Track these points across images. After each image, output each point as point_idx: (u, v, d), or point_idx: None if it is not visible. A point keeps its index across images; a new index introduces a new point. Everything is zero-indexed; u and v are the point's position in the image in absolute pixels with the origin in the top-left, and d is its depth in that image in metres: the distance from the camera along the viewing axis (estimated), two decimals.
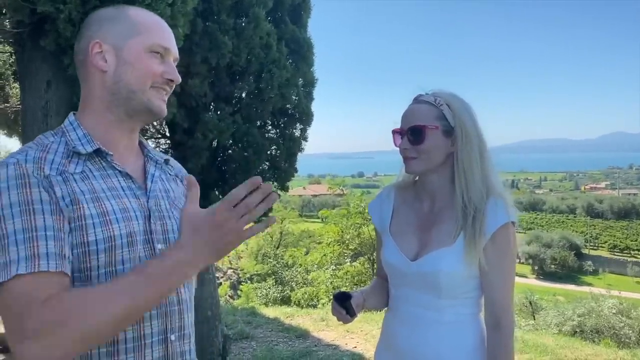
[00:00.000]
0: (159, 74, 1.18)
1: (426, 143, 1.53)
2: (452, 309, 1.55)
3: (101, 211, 1.07)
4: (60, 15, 3.09)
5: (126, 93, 1.16)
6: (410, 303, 1.60)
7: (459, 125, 1.53)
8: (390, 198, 1.73)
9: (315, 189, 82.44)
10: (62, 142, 1.14)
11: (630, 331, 9.33)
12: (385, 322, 1.72)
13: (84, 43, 1.18)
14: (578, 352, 5.38)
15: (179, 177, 1.35)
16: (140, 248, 1.12)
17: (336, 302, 1.57)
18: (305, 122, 5.63)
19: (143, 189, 1.19)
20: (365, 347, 5.67)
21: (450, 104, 1.55)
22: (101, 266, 1.06)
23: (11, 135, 6.09)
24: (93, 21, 1.20)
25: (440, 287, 1.52)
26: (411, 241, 1.60)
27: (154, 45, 1.17)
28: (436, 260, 1.52)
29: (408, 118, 1.57)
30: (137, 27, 1.17)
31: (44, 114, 3.49)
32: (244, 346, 5.80)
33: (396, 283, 1.65)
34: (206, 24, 4.34)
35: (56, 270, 0.98)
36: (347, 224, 14.11)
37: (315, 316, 7.22)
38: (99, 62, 1.16)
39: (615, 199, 72.50)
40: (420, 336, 1.56)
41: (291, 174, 5.67)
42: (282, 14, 5.28)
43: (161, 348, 1.14)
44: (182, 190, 1.32)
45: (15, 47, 3.76)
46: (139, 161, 1.25)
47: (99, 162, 1.15)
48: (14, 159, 1.05)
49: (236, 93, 5.10)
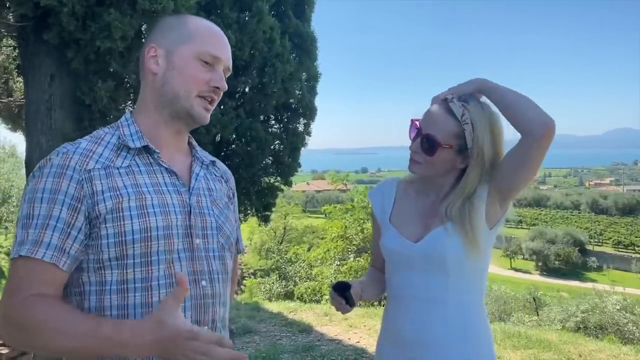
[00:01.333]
0: (204, 82, 1.22)
1: (435, 157, 1.50)
2: (459, 293, 1.52)
3: (140, 204, 1.14)
4: (64, 9, 3.09)
5: (171, 96, 1.22)
6: (415, 287, 1.55)
7: (477, 149, 1.48)
8: (393, 188, 1.71)
9: (318, 185, 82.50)
10: (115, 135, 1.22)
11: (634, 327, 9.32)
12: (386, 314, 1.68)
13: (144, 47, 1.26)
14: (581, 347, 5.37)
15: (224, 178, 1.43)
16: (178, 241, 1.18)
17: (335, 291, 1.55)
18: (309, 117, 5.63)
19: (186, 186, 1.25)
20: (368, 341, 5.68)
21: (476, 124, 1.47)
22: (137, 255, 1.12)
23: (15, 129, 6.11)
24: (155, 28, 1.29)
25: (447, 264, 1.49)
26: (413, 228, 1.57)
27: (204, 53, 1.22)
28: (440, 236, 1.49)
29: (428, 121, 1.53)
30: (191, 34, 1.23)
31: (47, 108, 3.50)
32: (248, 340, 5.82)
33: (398, 268, 1.61)
34: (209, 18, 4.33)
35: (50, 262, 1.06)
36: (350, 220, 14.10)
37: (319, 311, 7.23)
38: (152, 65, 1.23)
39: (620, 195, 72.25)
40: (425, 321, 1.53)
41: (294, 168, 5.67)
42: (285, 8, 5.27)
43: None
44: (225, 190, 1.41)
45: (18, 41, 3.77)
46: (186, 160, 1.32)
47: (147, 158, 1.22)
48: (65, 148, 1.15)
49: (239, 87, 5.09)
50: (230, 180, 1.47)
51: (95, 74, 3.61)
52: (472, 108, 1.49)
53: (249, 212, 5.98)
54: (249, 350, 5.39)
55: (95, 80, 3.57)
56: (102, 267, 1.11)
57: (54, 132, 3.51)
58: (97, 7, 3.24)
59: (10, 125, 6.09)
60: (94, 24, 3.20)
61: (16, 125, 5.97)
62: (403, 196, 1.68)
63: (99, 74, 3.62)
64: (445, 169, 1.54)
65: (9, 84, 5.48)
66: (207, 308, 1.21)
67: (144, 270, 1.12)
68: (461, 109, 1.48)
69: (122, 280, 1.11)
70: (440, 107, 1.52)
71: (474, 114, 1.48)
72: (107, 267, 1.11)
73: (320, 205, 41.45)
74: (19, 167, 19.72)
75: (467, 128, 1.47)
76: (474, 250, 1.48)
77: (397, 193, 1.69)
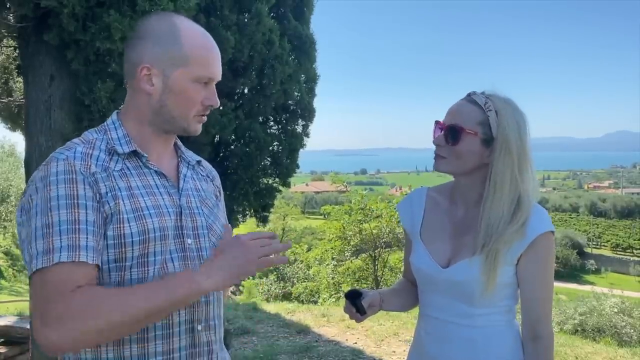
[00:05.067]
0: (199, 102, 1.24)
1: (460, 145, 1.44)
2: (486, 317, 1.48)
3: (136, 207, 1.16)
4: (64, 9, 3.11)
5: (168, 117, 1.24)
6: (440, 311, 1.53)
7: (501, 138, 1.42)
8: (422, 200, 1.65)
9: (317, 186, 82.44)
10: (104, 140, 1.22)
11: (632, 330, 9.31)
12: (417, 327, 1.66)
13: (135, 57, 1.22)
14: (578, 350, 5.39)
15: (209, 177, 1.45)
16: (171, 242, 1.20)
17: (347, 299, 1.55)
18: (307, 118, 5.65)
19: (175, 188, 1.28)
20: (366, 342, 5.70)
21: (500, 111, 1.43)
22: (135, 257, 1.14)
23: (15, 129, 6.11)
24: (145, 35, 1.22)
25: (473, 296, 1.45)
26: (443, 247, 1.52)
27: (202, 76, 1.23)
28: (468, 268, 1.44)
29: (452, 114, 1.48)
30: (187, 57, 1.21)
31: (47, 108, 3.51)
32: (245, 341, 5.83)
33: (426, 289, 1.58)
34: (209, 20, 4.36)
35: (93, 263, 1.07)
36: (348, 221, 14.12)
37: (316, 312, 7.25)
38: (146, 85, 1.22)
39: (619, 197, 72.25)
40: (452, 344, 1.50)
41: (293, 170, 5.68)
42: (284, 10, 5.29)
43: (188, 337, 1.21)
44: (212, 190, 1.42)
45: (19, 41, 3.78)
46: (173, 161, 1.34)
47: (136, 161, 1.23)
48: (63, 155, 1.14)
49: (238, 89, 5.11)
50: (216, 179, 1.49)
51: (95, 74, 3.62)
52: (495, 99, 1.47)
53: (247, 212, 6.00)
54: (246, 351, 5.40)
55: (95, 80, 3.58)
56: (102, 270, 1.13)
57: (53, 132, 3.52)
58: (97, 8, 3.25)
59: (10, 125, 6.09)
60: (94, 25, 3.22)
61: (15, 125, 5.97)
62: (433, 207, 1.62)
63: (98, 74, 3.63)
64: (472, 162, 1.46)
65: (9, 84, 5.49)
66: (201, 307, 1.24)
67: (140, 271, 1.15)
68: (484, 98, 1.46)
69: (120, 282, 1.14)
70: (463, 100, 1.50)
71: (497, 103, 1.45)
72: (105, 270, 1.13)
73: (319, 207, 41.45)
74: (17, 166, 19.70)
75: (491, 115, 1.44)
76: (490, 289, 1.43)
77: (426, 204, 1.64)
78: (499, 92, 1.49)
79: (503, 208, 1.43)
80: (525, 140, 1.46)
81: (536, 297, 1.46)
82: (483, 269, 1.42)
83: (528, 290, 1.46)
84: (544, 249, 1.44)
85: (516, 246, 1.42)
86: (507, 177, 1.43)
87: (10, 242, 22.65)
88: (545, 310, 1.46)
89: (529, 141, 1.47)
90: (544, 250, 1.44)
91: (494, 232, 1.42)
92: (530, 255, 1.43)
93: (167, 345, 1.18)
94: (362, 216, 13.84)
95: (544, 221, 1.44)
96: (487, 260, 1.42)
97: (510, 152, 1.42)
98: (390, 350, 5.45)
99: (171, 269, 1.19)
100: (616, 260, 47.96)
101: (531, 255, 1.43)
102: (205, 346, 1.26)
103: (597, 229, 59.64)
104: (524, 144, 1.45)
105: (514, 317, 1.55)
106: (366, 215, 13.81)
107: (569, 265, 44.04)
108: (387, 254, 13.97)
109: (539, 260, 1.44)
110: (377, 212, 13.71)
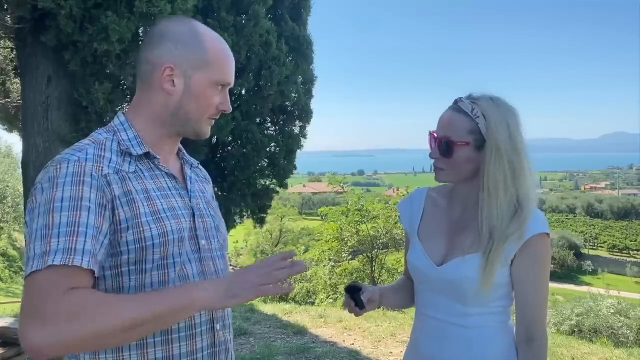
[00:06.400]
0: (215, 106, 1.26)
1: (455, 158, 1.46)
2: (480, 317, 1.49)
3: (154, 210, 1.16)
4: (62, 11, 3.12)
5: (184, 119, 1.24)
6: (436, 310, 1.54)
7: (492, 141, 1.42)
8: (422, 200, 1.67)
9: (315, 187, 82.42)
10: (115, 141, 1.20)
11: (629, 331, 9.34)
12: (413, 327, 1.67)
13: (156, 58, 1.21)
14: (575, 350, 5.41)
15: (207, 179, 1.46)
16: (187, 244, 1.22)
17: (347, 293, 1.56)
18: (305, 120, 5.66)
19: (185, 190, 1.29)
20: (363, 343, 5.70)
21: (488, 115, 1.43)
22: (156, 260, 1.14)
23: (12, 131, 6.11)
24: (167, 37, 1.22)
25: (466, 295, 1.46)
26: (439, 245, 1.54)
27: (220, 81, 1.24)
28: (461, 267, 1.45)
29: (443, 127, 1.49)
30: (210, 61, 1.22)
31: (44, 109, 3.51)
32: (243, 342, 5.83)
33: (422, 288, 1.59)
34: (206, 21, 4.36)
35: (87, 268, 1.02)
36: (346, 222, 14.12)
37: (314, 313, 7.24)
38: (167, 85, 1.21)
39: (615, 199, 72.45)
40: (445, 344, 1.51)
41: (290, 171, 5.69)
42: (282, 12, 5.31)
43: (209, 337, 1.23)
44: (211, 192, 1.44)
45: (16, 43, 3.79)
46: (177, 163, 1.35)
47: (148, 163, 1.23)
48: (75, 156, 1.12)
49: (236, 90, 5.12)
50: (211, 182, 1.51)
51: (93, 76, 3.62)
52: (481, 102, 1.46)
53: (245, 214, 6.01)
54: (243, 352, 5.40)
55: (92, 82, 3.59)
56: (120, 274, 1.12)
57: (50, 133, 3.52)
58: (95, 9, 3.26)
59: (7, 126, 6.09)
60: (92, 27, 3.23)
61: (13, 127, 5.97)
62: (432, 207, 1.64)
63: (96, 76, 3.63)
64: (470, 170, 1.48)
65: (7, 85, 5.49)
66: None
67: (161, 273, 1.15)
68: (470, 105, 1.46)
69: (140, 285, 1.14)
70: (450, 110, 1.50)
71: (484, 107, 1.44)
72: (125, 273, 1.12)
73: (316, 208, 41.45)
74: (14, 168, 19.64)
75: (480, 121, 1.43)
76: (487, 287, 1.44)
77: (426, 204, 1.66)
78: (487, 92, 1.49)
79: (502, 211, 1.44)
80: (518, 140, 1.45)
81: (530, 298, 1.46)
82: (480, 269, 1.43)
83: (522, 292, 1.46)
84: (538, 250, 1.44)
85: (511, 247, 1.43)
86: (501, 181, 1.43)
87: (6, 243, 22.56)
88: (539, 313, 1.46)
89: (523, 141, 1.47)
90: (538, 252, 1.44)
91: (494, 233, 1.43)
92: (524, 256, 1.43)
93: (191, 346, 1.19)
94: (360, 217, 13.84)
95: (540, 223, 1.45)
96: (485, 260, 1.42)
97: (501, 155, 1.42)
98: (388, 351, 5.46)
99: (189, 270, 1.20)
100: (613, 261, 48.08)
101: (525, 256, 1.43)
102: (223, 345, 1.28)
103: (594, 230, 59.79)
104: (517, 145, 1.45)
105: (509, 319, 1.56)
106: (363, 216, 13.81)
107: (565, 266, 44.14)
108: (385, 256, 13.96)
109: (532, 262, 1.44)
110: (375, 213, 13.73)
